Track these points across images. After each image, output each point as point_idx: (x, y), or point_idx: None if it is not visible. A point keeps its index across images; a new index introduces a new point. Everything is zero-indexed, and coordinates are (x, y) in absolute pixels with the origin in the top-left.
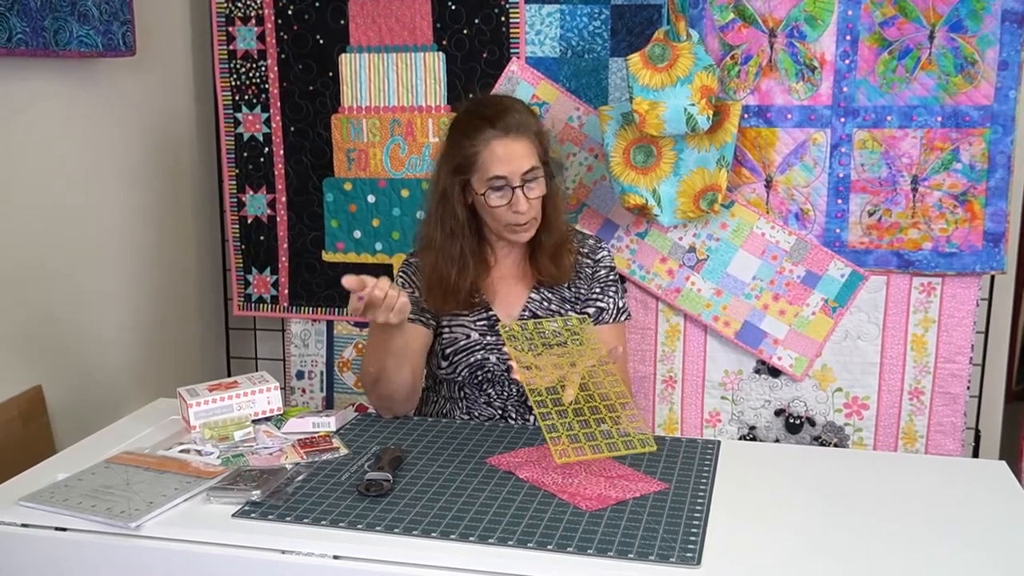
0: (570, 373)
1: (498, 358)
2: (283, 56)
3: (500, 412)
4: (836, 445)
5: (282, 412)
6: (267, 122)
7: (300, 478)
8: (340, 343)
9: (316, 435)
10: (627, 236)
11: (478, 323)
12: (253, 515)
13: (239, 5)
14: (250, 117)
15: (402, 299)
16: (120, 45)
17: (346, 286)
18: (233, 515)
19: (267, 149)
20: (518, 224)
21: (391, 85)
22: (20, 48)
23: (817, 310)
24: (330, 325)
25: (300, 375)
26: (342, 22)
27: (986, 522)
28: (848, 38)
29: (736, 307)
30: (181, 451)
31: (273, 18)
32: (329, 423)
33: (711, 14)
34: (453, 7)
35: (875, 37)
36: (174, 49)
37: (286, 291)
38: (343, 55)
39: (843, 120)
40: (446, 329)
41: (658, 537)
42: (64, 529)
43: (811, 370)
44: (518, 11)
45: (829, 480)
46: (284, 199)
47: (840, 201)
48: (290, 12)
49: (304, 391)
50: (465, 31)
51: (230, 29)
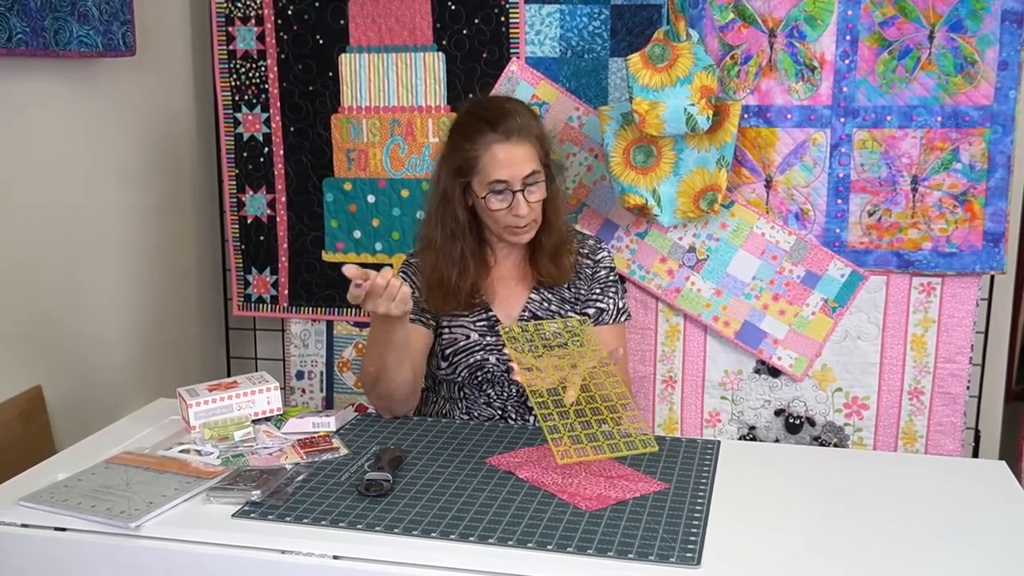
0: (571, 374)
1: (498, 359)
2: (283, 56)
3: (500, 412)
4: (836, 445)
5: (282, 412)
6: (267, 122)
7: (300, 478)
8: (340, 343)
9: (316, 435)
10: (627, 236)
11: (478, 324)
12: (253, 515)
13: (239, 5)
14: (250, 117)
15: (404, 289)
16: (120, 45)
17: (347, 274)
18: (233, 515)
19: (267, 149)
20: (518, 227)
21: (391, 85)
22: (20, 48)
23: (817, 310)
24: (330, 325)
25: (300, 375)
26: (342, 22)
27: (986, 522)
28: (848, 38)
29: (736, 307)
30: (181, 451)
31: (273, 18)
32: (329, 423)
33: (711, 14)
34: (453, 7)
35: (875, 37)
36: (174, 49)
37: (286, 291)
38: (343, 55)
39: (843, 120)
40: (446, 330)
41: (658, 537)
42: (64, 529)
43: (811, 370)
44: (518, 11)
45: (829, 480)
46: (284, 199)
47: (840, 201)
48: (290, 12)
49: (304, 391)
50: (465, 31)
51: (230, 29)
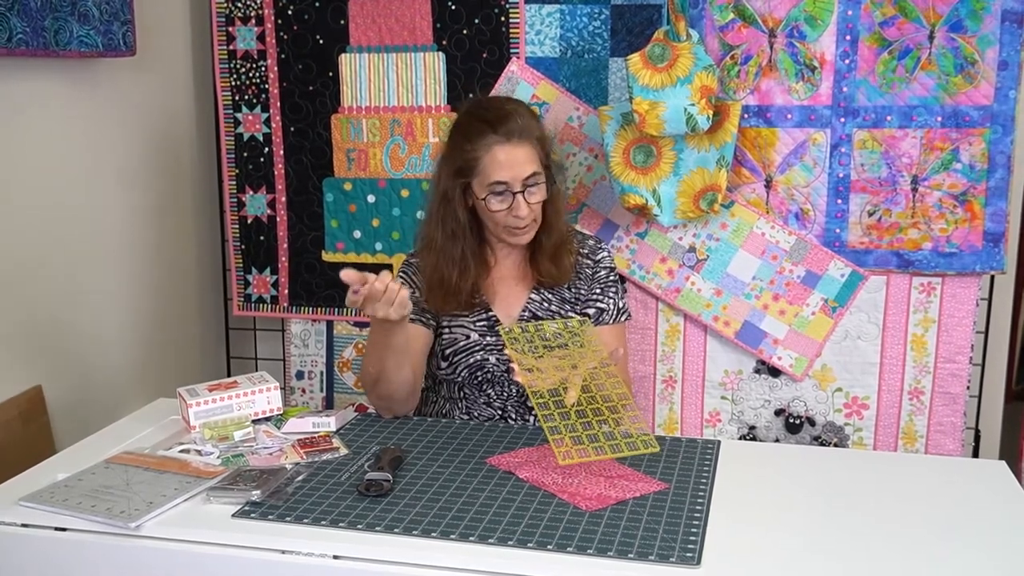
0: (572, 375)
1: (498, 359)
2: (283, 56)
3: (500, 412)
4: (836, 445)
5: (282, 412)
6: (267, 122)
7: (300, 478)
8: (340, 343)
9: (316, 435)
10: (627, 236)
11: (478, 324)
12: (253, 515)
13: (239, 5)
14: (250, 117)
15: (403, 293)
16: (120, 45)
17: (344, 280)
18: (233, 515)
19: (267, 149)
20: (518, 228)
21: (391, 85)
22: (20, 48)
23: (817, 310)
24: (330, 325)
25: (300, 375)
26: (342, 22)
27: (986, 522)
28: (848, 38)
29: (736, 307)
30: (181, 451)
31: (273, 18)
32: (329, 423)
33: (711, 14)
34: (453, 7)
35: (875, 37)
36: (174, 49)
37: (286, 291)
38: (343, 55)
39: (843, 120)
40: (446, 330)
41: (658, 537)
42: (64, 529)
43: (811, 370)
44: (518, 11)
45: (829, 480)
46: (284, 199)
47: (840, 201)
48: (290, 12)
49: (304, 391)
50: (465, 31)
51: (230, 29)
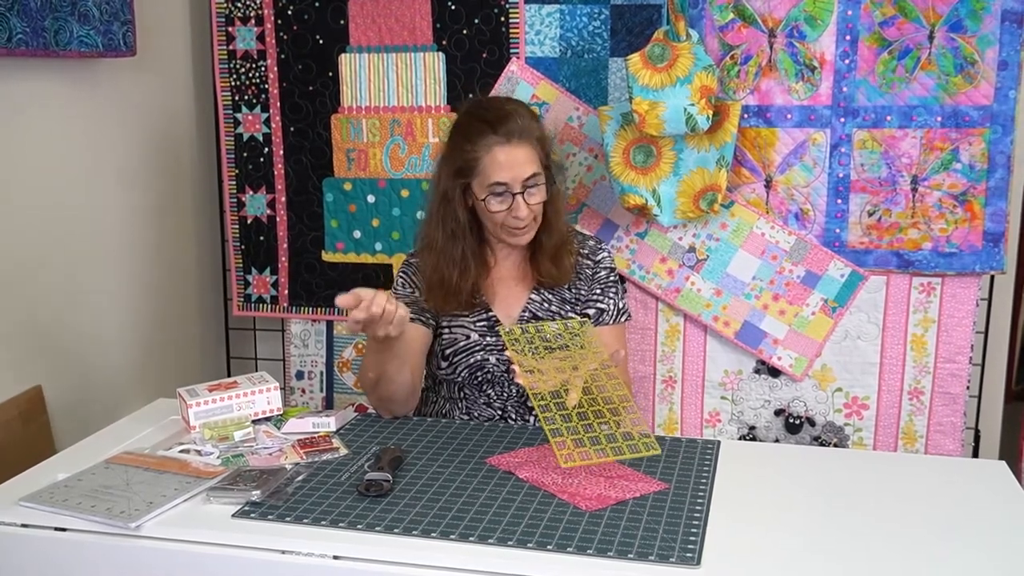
0: (573, 377)
1: (498, 359)
2: (283, 56)
3: (500, 413)
4: (836, 445)
5: (282, 412)
6: (267, 122)
7: (300, 478)
8: (340, 343)
9: (316, 435)
10: (627, 236)
11: (478, 324)
12: (253, 515)
13: (239, 5)
14: (250, 117)
15: (400, 312)
16: (120, 45)
17: (340, 305)
18: (233, 515)
19: (267, 149)
20: (517, 228)
21: (391, 85)
22: (20, 48)
23: (817, 310)
24: (330, 325)
25: (300, 375)
26: (342, 22)
27: (986, 522)
28: (848, 38)
29: (736, 307)
30: (181, 451)
31: (273, 18)
32: (329, 423)
33: (711, 14)
34: (453, 7)
35: (875, 37)
36: (174, 49)
37: (286, 291)
38: (343, 55)
39: (843, 120)
40: (446, 330)
41: (658, 537)
42: (64, 529)
43: (811, 370)
44: (518, 11)
45: (829, 480)
46: (284, 199)
47: (840, 201)
48: (290, 12)
49: (304, 391)
50: (465, 31)
51: (230, 29)
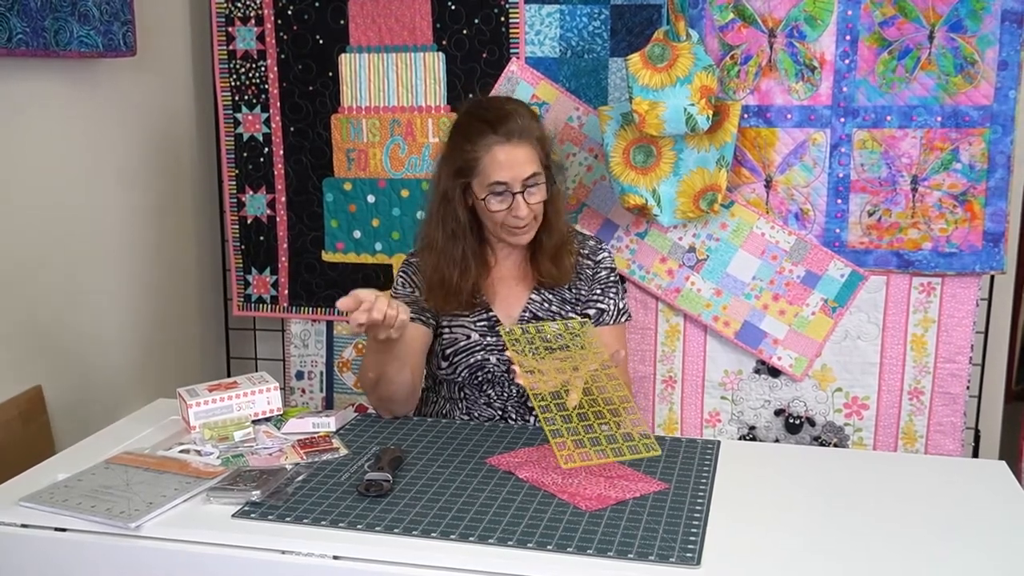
0: (573, 378)
1: (498, 359)
2: (283, 56)
3: (500, 413)
4: (836, 445)
5: (282, 412)
6: (267, 122)
7: (300, 478)
8: (340, 343)
9: (316, 435)
10: (627, 236)
11: (478, 324)
12: (253, 515)
13: (239, 5)
14: (250, 117)
15: (401, 316)
16: (120, 45)
17: (341, 308)
18: (233, 515)
19: (267, 149)
20: (517, 227)
21: (391, 85)
22: (20, 48)
23: (817, 310)
24: (330, 325)
25: (300, 375)
26: (342, 22)
27: (986, 522)
28: (848, 38)
29: (736, 307)
30: (181, 451)
31: (273, 18)
32: (329, 423)
33: (711, 14)
34: (453, 7)
35: (875, 37)
36: (174, 49)
37: (286, 291)
38: (343, 55)
39: (843, 120)
40: (446, 330)
41: (658, 537)
42: (64, 529)
43: (811, 370)
44: (518, 11)
45: (829, 480)
46: (284, 199)
47: (840, 201)
48: (290, 12)
49: (304, 391)
50: (465, 31)
51: (230, 29)
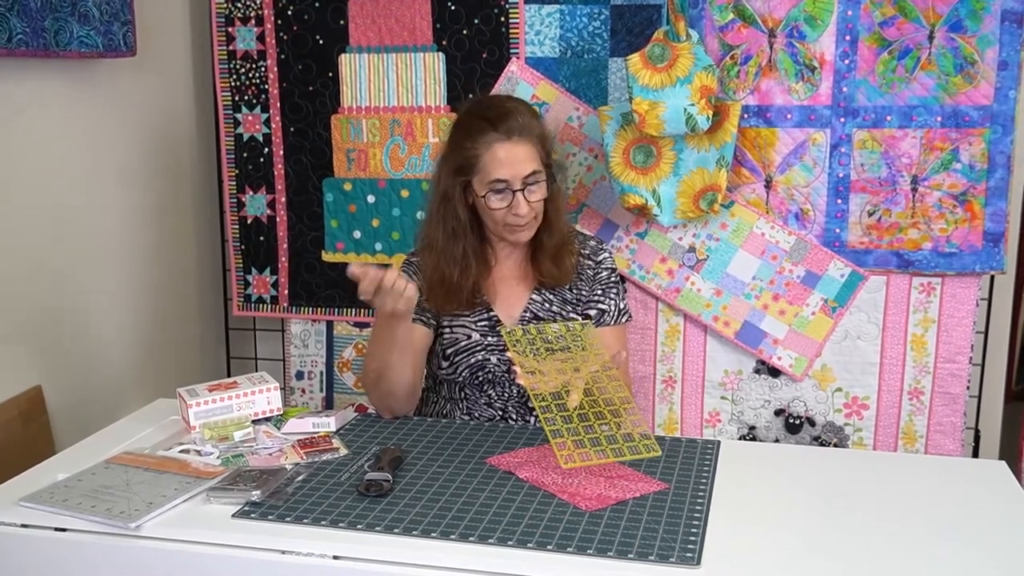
0: (574, 378)
1: (499, 359)
2: (283, 56)
3: (500, 413)
4: (836, 445)
5: (282, 412)
6: (267, 122)
7: (300, 478)
8: (340, 343)
9: (316, 435)
10: (627, 236)
11: (479, 324)
12: (253, 515)
13: (239, 5)
14: (250, 117)
15: (410, 287)
16: (120, 45)
17: (351, 276)
18: (233, 515)
19: (267, 149)
20: (517, 225)
21: (391, 85)
22: (20, 48)
23: (817, 310)
24: (330, 325)
25: (300, 375)
26: (342, 22)
27: (986, 522)
28: (848, 38)
29: (736, 307)
30: (181, 451)
31: (273, 18)
32: (329, 423)
33: (711, 14)
34: (453, 7)
35: (875, 37)
36: (174, 49)
37: (286, 291)
38: (343, 55)
39: (843, 120)
40: (447, 329)
41: (658, 537)
42: (64, 529)
43: (811, 370)
44: (518, 11)
45: (829, 480)
46: (284, 199)
47: (840, 201)
48: (290, 12)
49: (304, 391)
50: (465, 31)
51: (230, 29)
